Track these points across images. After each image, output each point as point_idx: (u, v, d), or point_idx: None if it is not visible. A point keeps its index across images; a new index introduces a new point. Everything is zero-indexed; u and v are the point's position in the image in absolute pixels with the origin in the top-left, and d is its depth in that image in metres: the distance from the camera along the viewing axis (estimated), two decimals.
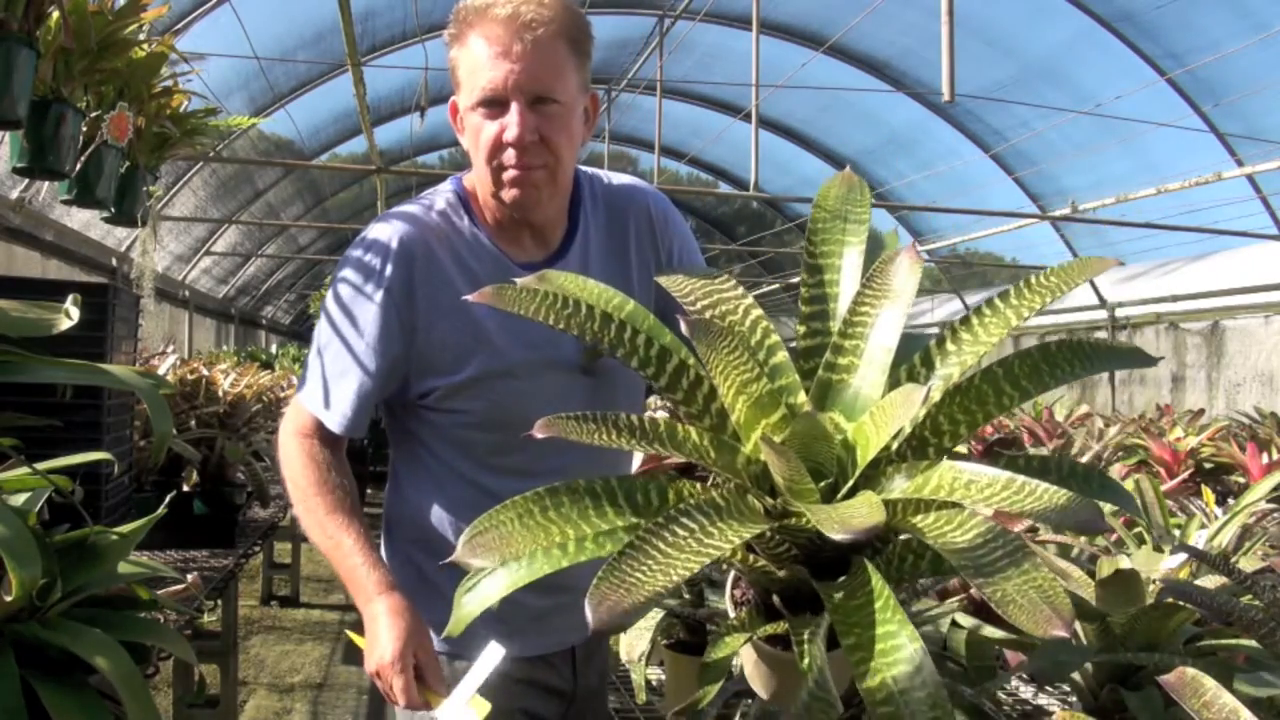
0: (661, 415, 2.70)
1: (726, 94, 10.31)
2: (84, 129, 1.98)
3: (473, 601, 0.76)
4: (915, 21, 7.81)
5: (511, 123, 1.22)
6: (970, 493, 0.68)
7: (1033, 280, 0.79)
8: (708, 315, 0.88)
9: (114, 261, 7.42)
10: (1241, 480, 2.85)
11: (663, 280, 0.95)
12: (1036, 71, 7.95)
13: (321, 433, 1.33)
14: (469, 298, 0.85)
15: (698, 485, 0.79)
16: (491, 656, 1.08)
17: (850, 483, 0.76)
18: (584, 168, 1.43)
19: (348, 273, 1.32)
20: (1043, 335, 9.67)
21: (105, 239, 7.23)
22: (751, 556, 0.79)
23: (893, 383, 0.80)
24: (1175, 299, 8.07)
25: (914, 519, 0.71)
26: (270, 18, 7.37)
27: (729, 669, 0.88)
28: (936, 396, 0.78)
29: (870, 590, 0.68)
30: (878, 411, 0.75)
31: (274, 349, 11.57)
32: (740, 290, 0.90)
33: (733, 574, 0.92)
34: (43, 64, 1.75)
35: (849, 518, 0.65)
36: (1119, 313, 8.85)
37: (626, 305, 0.90)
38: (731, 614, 0.88)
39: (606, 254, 1.39)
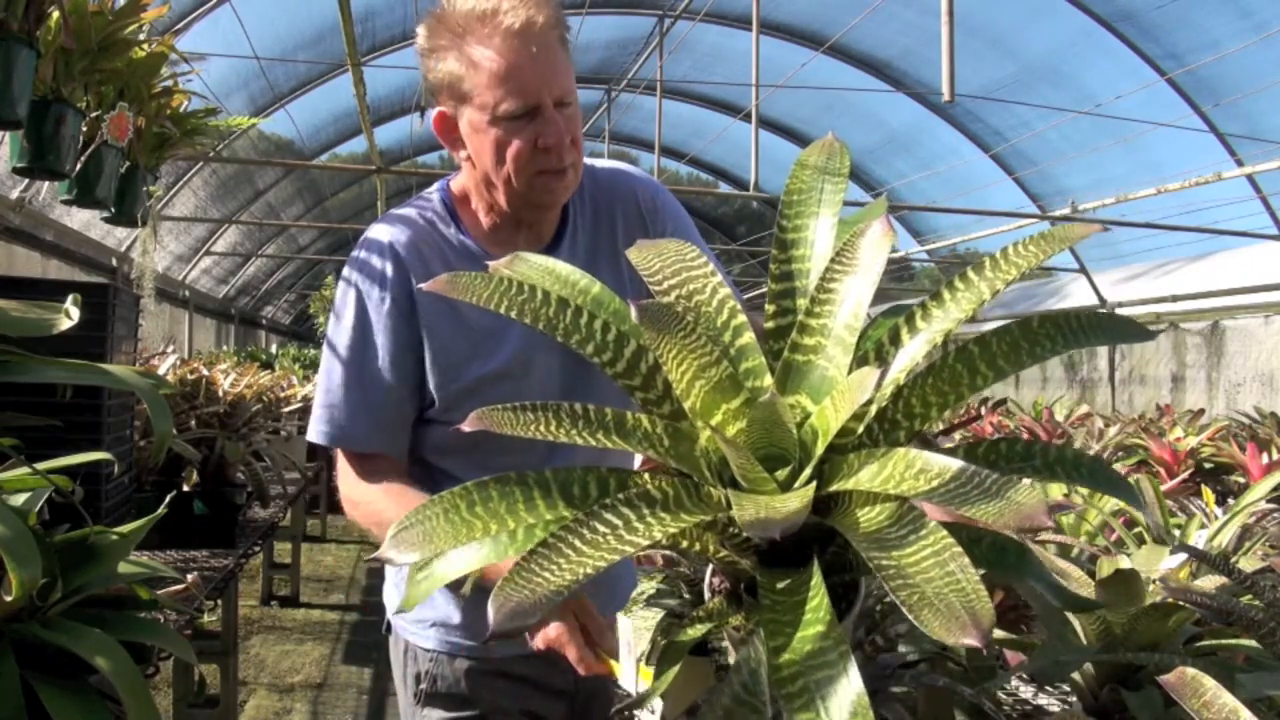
0: None
1: (726, 94, 10.31)
2: (84, 129, 1.98)
3: (424, 587, 0.76)
4: (915, 21, 7.81)
5: (551, 129, 1.23)
6: (919, 484, 0.63)
7: (1009, 250, 0.73)
8: (674, 295, 0.84)
9: (114, 261, 7.42)
10: (1241, 480, 2.85)
11: (632, 256, 0.91)
12: (1036, 71, 7.94)
13: (373, 463, 1.30)
14: (422, 286, 0.82)
15: (646, 477, 0.75)
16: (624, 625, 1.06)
17: (807, 471, 0.72)
18: None
19: (349, 294, 1.31)
20: None
21: (105, 239, 7.23)
22: (714, 546, 0.77)
23: (859, 362, 0.76)
24: (1175, 299, 8.07)
25: (859, 512, 0.67)
26: (270, 18, 7.37)
27: (684, 653, 0.86)
28: (902, 378, 0.74)
29: (809, 587, 0.64)
30: (836, 396, 0.72)
31: (274, 349, 11.57)
32: (709, 267, 0.86)
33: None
34: (43, 64, 1.75)
35: (770, 516, 0.62)
36: (1119, 312, 8.84)
37: (592, 288, 0.86)
38: (707, 600, 0.87)
39: (594, 245, 1.39)
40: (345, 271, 1.35)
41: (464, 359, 1.29)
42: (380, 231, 1.33)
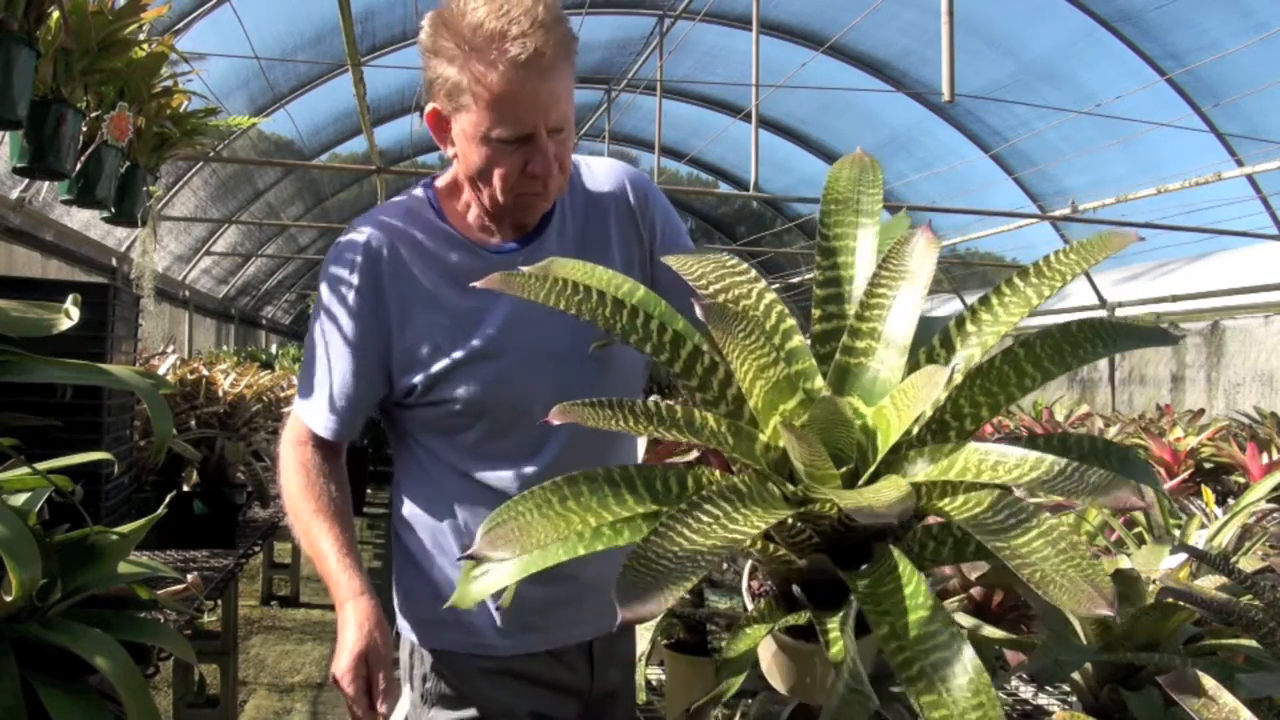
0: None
1: (726, 94, 10.31)
2: (84, 129, 1.98)
3: (481, 585, 0.77)
4: (915, 21, 7.81)
5: (540, 159, 1.24)
6: (999, 473, 0.67)
7: (1052, 258, 0.77)
8: (721, 299, 0.86)
9: (114, 261, 7.41)
10: (1241, 480, 2.85)
11: (673, 263, 0.92)
12: (1036, 71, 7.94)
13: (315, 440, 1.36)
14: (477, 284, 0.82)
15: (716, 473, 0.77)
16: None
17: (872, 468, 0.75)
18: None
19: (323, 284, 1.36)
20: None
21: (105, 239, 7.22)
22: (771, 546, 0.78)
23: (912, 365, 0.79)
24: (1175, 299, 8.06)
25: (940, 502, 0.70)
26: (270, 18, 7.36)
27: (752, 662, 0.86)
28: (959, 379, 0.77)
29: (898, 576, 0.67)
30: (899, 395, 0.74)
31: (274, 349, 11.56)
32: (753, 274, 0.88)
33: (749, 565, 0.91)
34: (43, 64, 1.75)
35: (876, 500, 0.64)
36: (1119, 312, 8.85)
37: (637, 291, 0.88)
38: (749, 606, 0.86)
39: (584, 240, 1.39)
40: (321, 270, 1.38)
41: (444, 343, 1.30)
42: (350, 231, 1.36)
